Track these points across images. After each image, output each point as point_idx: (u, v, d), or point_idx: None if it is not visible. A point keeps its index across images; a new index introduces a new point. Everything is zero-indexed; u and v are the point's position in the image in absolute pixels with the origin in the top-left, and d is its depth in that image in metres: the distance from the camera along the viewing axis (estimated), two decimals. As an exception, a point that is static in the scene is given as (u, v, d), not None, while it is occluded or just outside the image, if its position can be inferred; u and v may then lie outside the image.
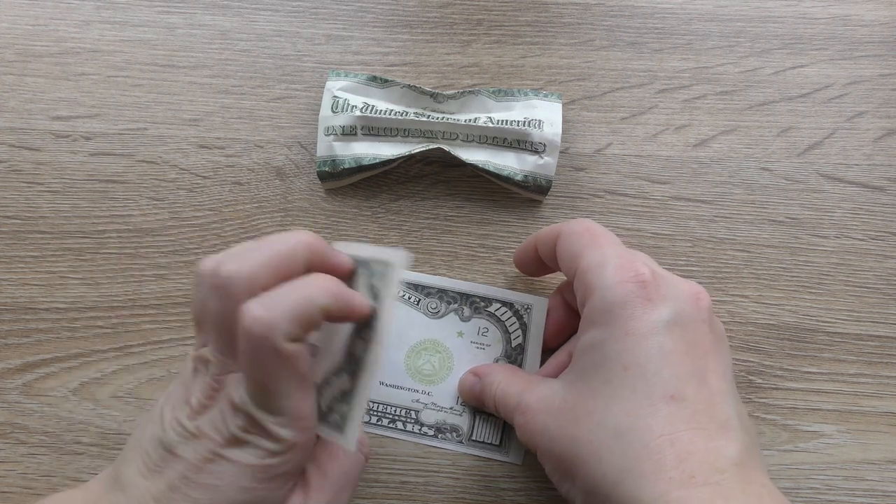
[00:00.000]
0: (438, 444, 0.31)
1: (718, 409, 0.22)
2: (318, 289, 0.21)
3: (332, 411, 0.24)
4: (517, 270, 0.33)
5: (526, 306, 0.31)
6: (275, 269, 0.21)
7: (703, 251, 0.33)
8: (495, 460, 0.30)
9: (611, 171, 0.34)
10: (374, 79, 0.34)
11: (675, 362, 0.22)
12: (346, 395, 0.23)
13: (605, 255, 0.25)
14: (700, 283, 0.33)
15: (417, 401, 0.31)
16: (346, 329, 0.24)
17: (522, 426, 0.25)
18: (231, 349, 0.21)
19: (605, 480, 0.21)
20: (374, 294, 0.24)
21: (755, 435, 0.24)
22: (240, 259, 0.21)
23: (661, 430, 0.21)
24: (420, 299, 0.32)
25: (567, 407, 0.23)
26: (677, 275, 0.26)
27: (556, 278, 0.33)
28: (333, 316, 0.22)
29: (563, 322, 0.30)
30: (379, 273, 0.24)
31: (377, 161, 0.33)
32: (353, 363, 0.24)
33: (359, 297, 0.23)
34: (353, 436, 0.23)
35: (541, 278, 0.33)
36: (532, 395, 0.26)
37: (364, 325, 0.23)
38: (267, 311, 0.20)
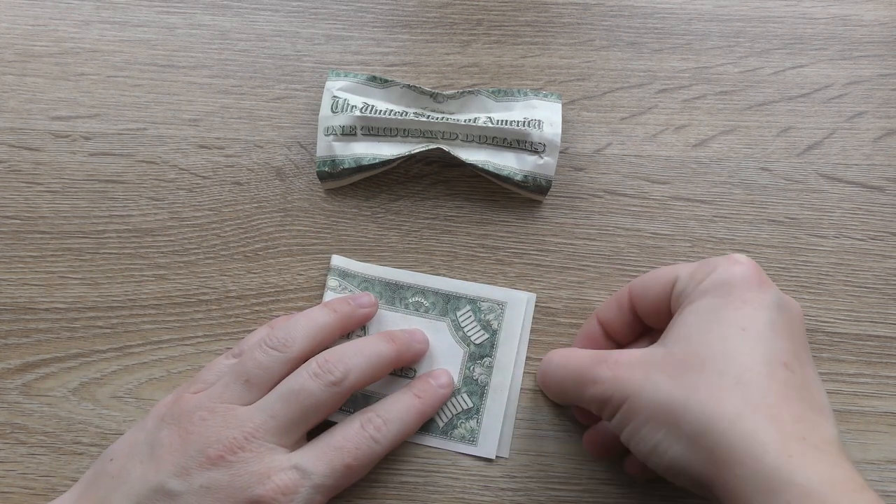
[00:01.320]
0: (414, 440, 0.31)
1: (818, 392, 0.24)
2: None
3: (455, 427, 0.31)
4: (517, 272, 0.33)
5: (499, 303, 0.32)
6: (372, 374, 0.29)
7: (703, 251, 0.33)
8: (468, 455, 0.30)
9: (610, 171, 0.34)
10: (373, 79, 0.34)
11: (785, 337, 0.24)
12: (471, 412, 0.31)
13: (707, 260, 0.27)
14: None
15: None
16: (457, 359, 0.31)
17: (611, 379, 0.25)
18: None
19: (723, 418, 0.22)
20: (485, 326, 0.32)
21: None
22: (360, 372, 0.28)
23: (777, 389, 0.22)
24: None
25: (676, 359, 0.24)
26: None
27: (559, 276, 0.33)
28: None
29: (597, 340, 0.31)
30: (487, 309, 0.32)
31: (377, 161, 0.33)
32: (475, 385, 0.31)
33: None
34: (489, 446, 0.30)
35: (539, 275, 0.33)
36: (617, 354, 0.26)
37: (481, 355, 0.31)
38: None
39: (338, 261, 0.33)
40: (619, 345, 0.30)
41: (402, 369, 0.31)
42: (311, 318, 0.29)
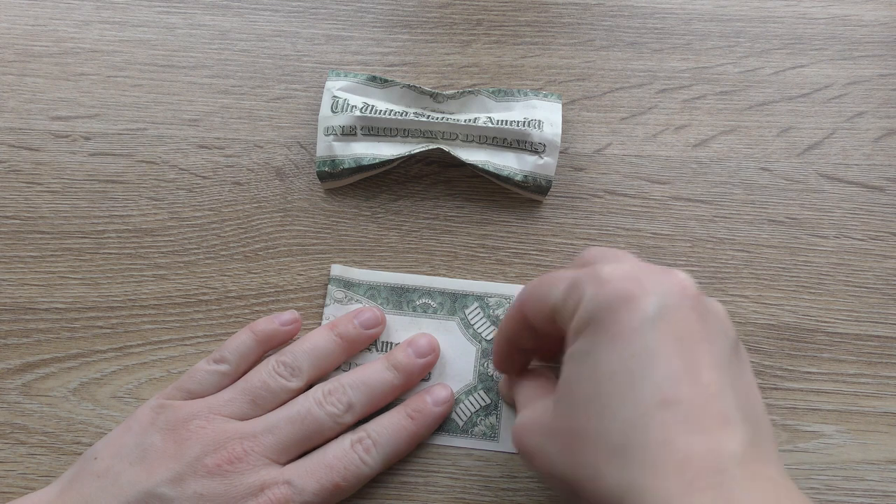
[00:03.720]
0: (435, 441, 0.31)
1: (715, 403, 0.21)
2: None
3: (475, 425, 0.30)
4: (517, 272, 0.33)
5: (506, 298, 0.32)
6: (376, 405, 0.30)
7: (703, 251, 0.33)
8: (488, 451, 0.30)
9: (610, 171, 0.34)
10: (373, 79, 0.34)
11: (664, 362, 0.21)
12: (489, 409, 0.31)
13: (578, 272, 0.24)
14: (700, 283, 0.33)
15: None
16: (470, 356, 0.31)
17: (517, 442, 0.25)
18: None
19: (611, 496, 0.20)
20: (494, 321, 0.32)
21: (765, 421, 0.22)
22: (362, 407, 0.29)
23: (656, 438, 0.20)
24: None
25: (560, 427, 0.23)
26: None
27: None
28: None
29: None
30: (495, 304, 0.32)
31: (377, 161, 0.33)
32: (490, 381, 0.31)
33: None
34: (511, 440, 0.28)
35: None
36: (526, 413, 0.25)
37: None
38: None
39: (338, 270, 0.32)
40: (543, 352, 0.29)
41: None
42: (318, 345, 0.30)
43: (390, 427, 0.29)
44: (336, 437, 0.29)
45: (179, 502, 0.25)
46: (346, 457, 0.28)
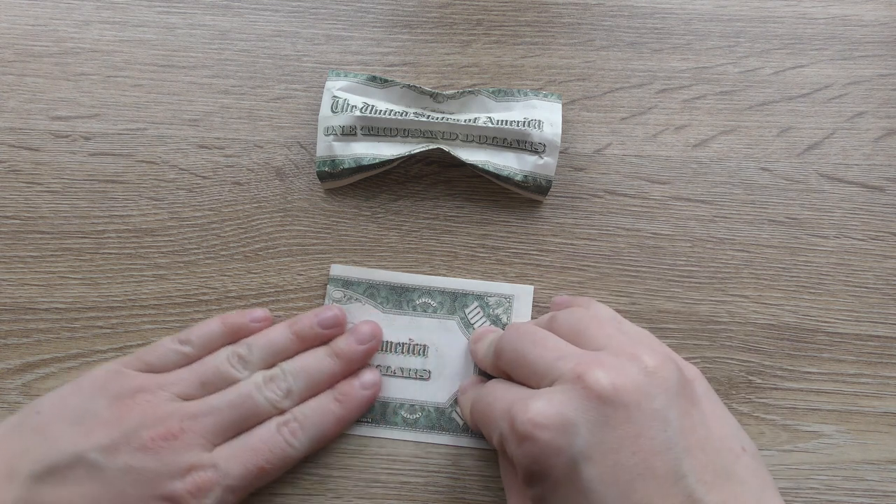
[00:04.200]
0: (442, 441, 0.31)
1: (692, 502, 0.22)
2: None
3: None
4: (517, 272, 0.33)
5: (506, 297, 0.32)
6: (313, 391, 0.30)
7: (703, 251, 0.33)
8: (489, 450, 0.30)
9: (610, 171, 0.34)
10: (373, 79, 0.34)
11: (611, 491, 0.22)
12: None
13: (500, 422, 0.24)
14: (700, 283, 0.33)
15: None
16: (469, 355, 0.31)
17: None
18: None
19: None
20: (495, 321, 0.32)
21: (755, 471, 0.23)
22: (299, 393, 0.30)
23: None
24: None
25: None
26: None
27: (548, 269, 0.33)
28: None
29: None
30: (495, 303, 0.32)
31: (377, 161, 0.33)
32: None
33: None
34: None
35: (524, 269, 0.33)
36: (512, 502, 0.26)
37: None
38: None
39: (338, 270, 0.32)
40: None
41: (417, 370, 0.31)
42: (273, 341, 0.30)
43: (318, 410, 0.29)
44: (270, 417, 0.29)
45: (109, 471, 0.26)
46: (271, 439, 0.28)
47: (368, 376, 0.31)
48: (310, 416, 0.29)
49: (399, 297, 0.32)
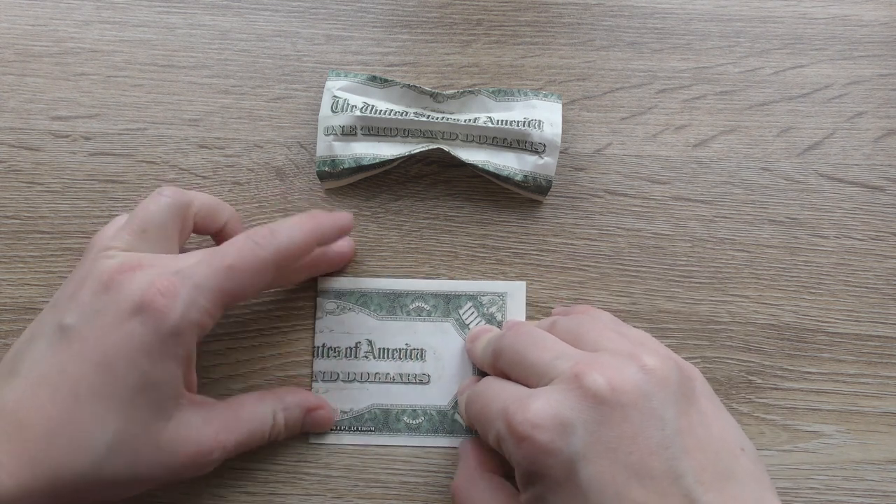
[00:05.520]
0: (442, 443, 0.31)
1: (690, 503, 0.22)
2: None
3: None
4: (517, 272, 0.33)
5: (499, 295, 0.32)
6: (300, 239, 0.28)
7: (703, 251, 0.33)
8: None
9: (611, 171, 0.34)
10: (373, 79, 0.34)
11: (608, 490, 0.22)
12: None
13: (497, 421, 0.24)
14: (700, 283, 0.33)
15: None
16: (467, 356, 0.31)
17: None
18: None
19: None
20: (489, 319, 0.32)
21: (753, 473, 0.23)
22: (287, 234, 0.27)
23: None
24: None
25: None
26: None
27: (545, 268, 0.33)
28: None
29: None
30: (489, 302, 0.32)
31: (377, 161, 0.33)
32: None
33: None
34: None
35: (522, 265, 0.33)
36: None
37: None
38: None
39: (326, 283, 0.32)
40: None
41: (416, 375, 0.31)
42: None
43: (290, 220, 0.28)
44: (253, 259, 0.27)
45: (79, 328, 0.25)
46: (238, 242, 0.26)
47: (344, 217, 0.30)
48: (282, 225, 0.27)
49: (392, 304, 0.32)
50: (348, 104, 0.33)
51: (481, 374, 0.31)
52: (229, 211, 0.31)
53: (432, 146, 0.33)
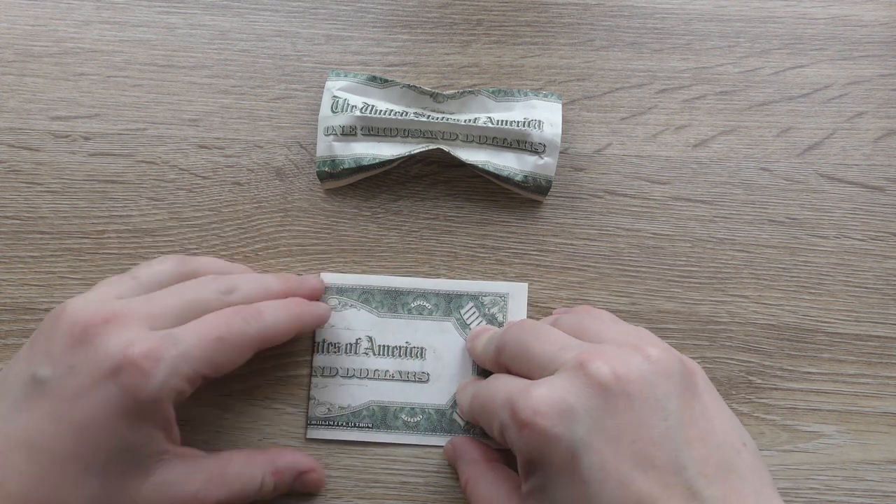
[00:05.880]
0: (440, 443, 0.31)
1: (673, 487, 0.22)
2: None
3: (476, 425, 0.30)
4: (517, 272, 0.33)
5: (501, 296, 0.32)
6: (259, 296, 0.29)
7: (703, 251, 0.33)
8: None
9: (611, 172, 0.34)
10: (373, 79, 0.34)
11: (610, 479, 0.22)
12: None
13: (501, 411, 0.24)
14: (700, 283, 0.33)
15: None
16: (467, 356, 0.31)
17: None
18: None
19: None
20: (490, 320, 0.32)
21: (755, 467, 0.23)
22: (248, 290, 0.29)
23: None
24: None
25: None
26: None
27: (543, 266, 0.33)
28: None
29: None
30: (490, 303, 0.32)
31: (377, 161, 0.33)
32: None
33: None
34: None
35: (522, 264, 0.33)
36: None
37: None
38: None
39: (329, 278, 0.32)
40: None
41: (415, 373, 0.31)
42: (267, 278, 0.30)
43: (274, 304, 0.28)
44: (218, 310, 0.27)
45: (53, 381, 0.24)
46: (226, 315, 0.26)
47: (313, 280, 0.31)
48: (269, 306, 0.27)
49: (394, 301, 0.32)
50: (348, 104, 0.33)
51: (481, 373, 0.31)
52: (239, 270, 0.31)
53: (432, 146, 0.33)
